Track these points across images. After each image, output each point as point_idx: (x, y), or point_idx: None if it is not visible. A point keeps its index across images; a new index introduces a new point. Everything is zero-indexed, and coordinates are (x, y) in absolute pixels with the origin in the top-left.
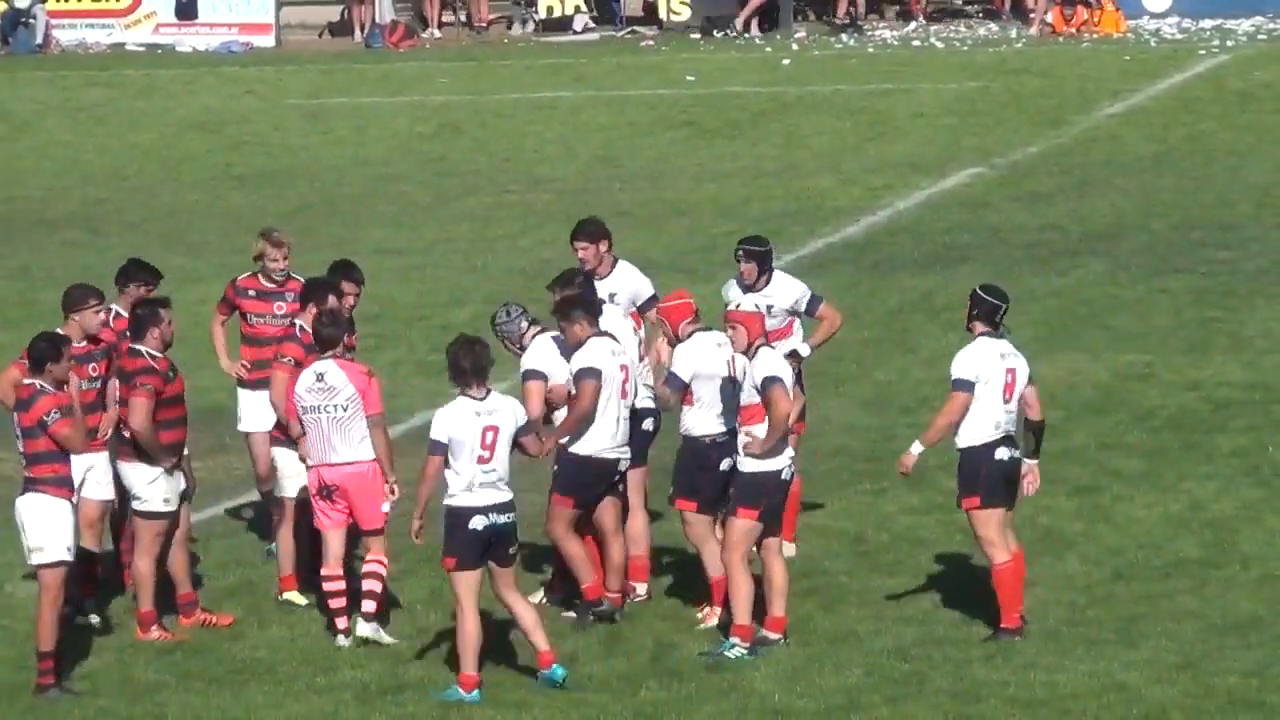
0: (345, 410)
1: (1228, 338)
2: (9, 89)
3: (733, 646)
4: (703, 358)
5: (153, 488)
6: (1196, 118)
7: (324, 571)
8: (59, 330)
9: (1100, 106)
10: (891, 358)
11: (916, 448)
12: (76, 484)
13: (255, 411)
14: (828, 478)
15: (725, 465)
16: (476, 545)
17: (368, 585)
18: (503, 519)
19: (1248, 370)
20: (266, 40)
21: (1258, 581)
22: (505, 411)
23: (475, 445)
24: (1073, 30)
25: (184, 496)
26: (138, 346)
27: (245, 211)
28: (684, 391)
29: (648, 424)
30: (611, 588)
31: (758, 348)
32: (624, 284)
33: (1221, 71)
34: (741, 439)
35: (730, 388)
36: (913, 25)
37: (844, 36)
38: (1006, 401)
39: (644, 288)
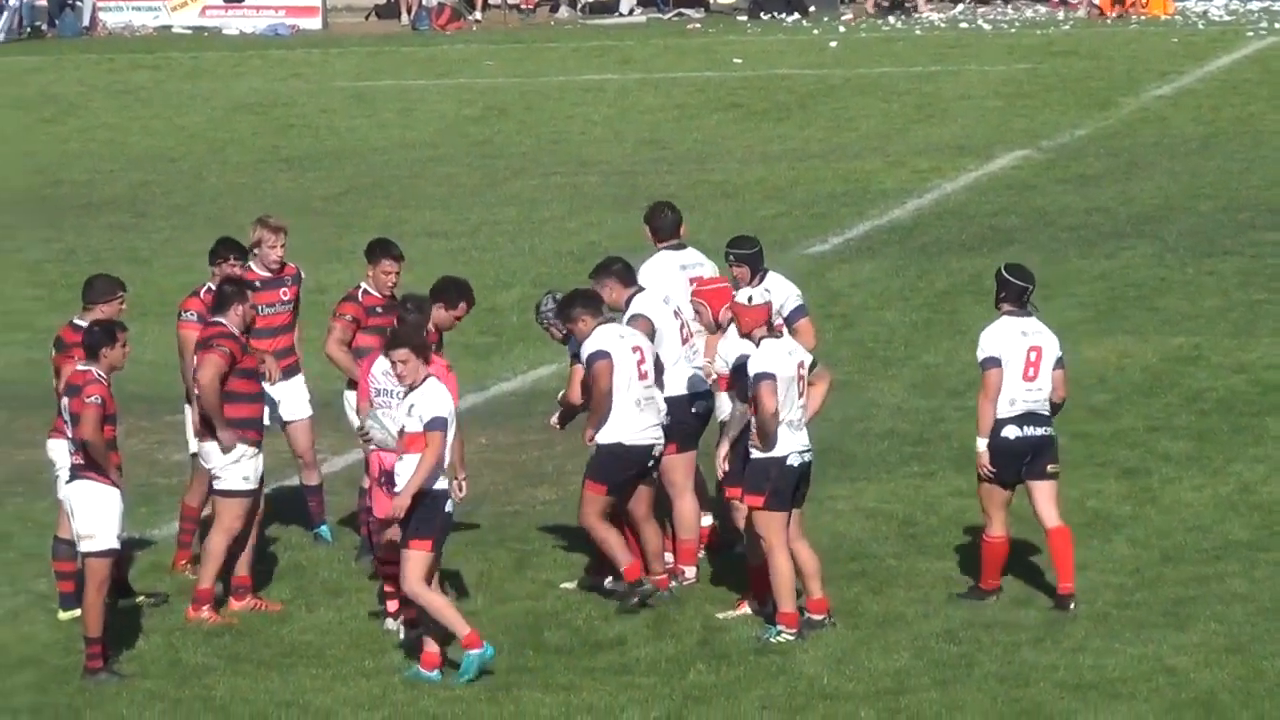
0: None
1: (1276, 320)
2: (55, 72)
3: (779, 633)
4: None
5: (235, 467)
6: (1245, 99)
7: (378, 555)
8: (76, 319)
9: (1148, 88)
10: (940, 340)
11: (981, 444)
12: None
13: (292, 401)
14: (876, 460)
15: (795, 461)
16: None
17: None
18: None
19: None
20: (313, 23)
21: None
22: None
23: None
24: (1120, 12)
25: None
26: (219, 319)
27: (292, 194)
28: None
29: (697, 407)
30: (655, 571)
31: (760, 339)
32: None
33: (1270, 53)
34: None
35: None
36: (960, 7)
37: (891, 19)
38: (1028, 380)
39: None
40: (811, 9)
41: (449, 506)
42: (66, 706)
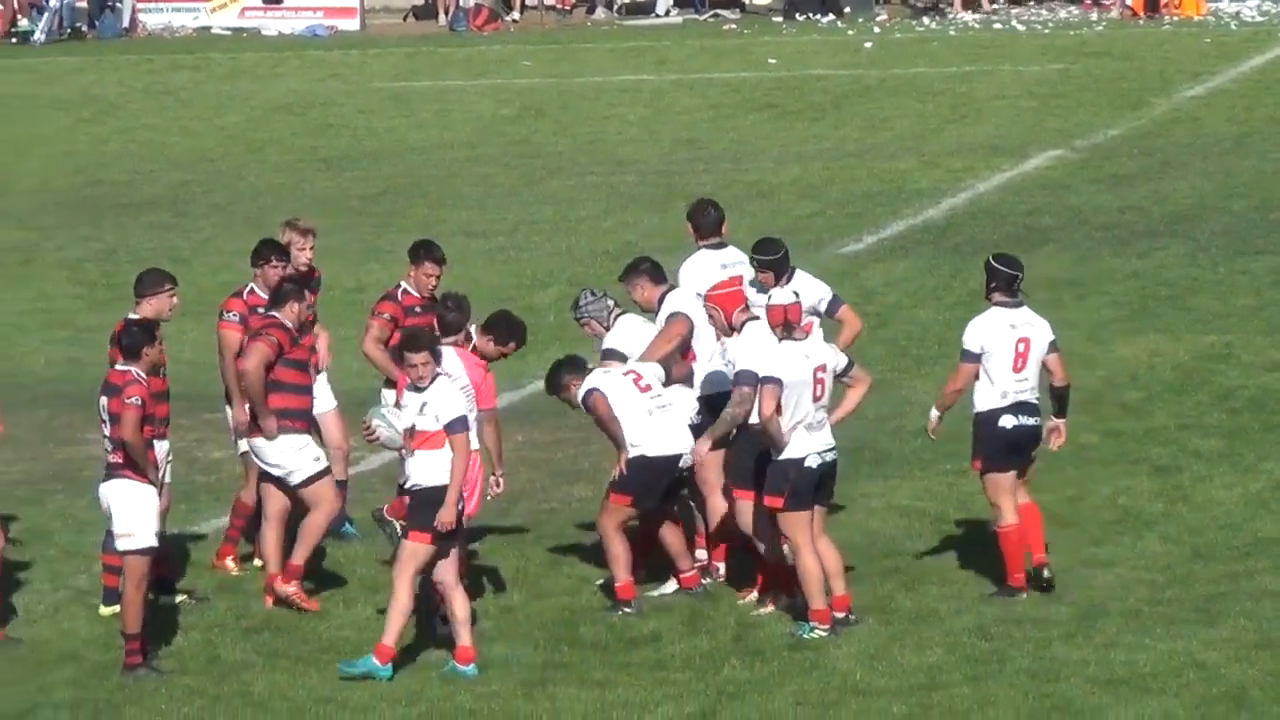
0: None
1: None
2: (96, 73)
3: (812, 629)
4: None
5: (301, 455)
6: (1278, 99)
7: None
8: (131, 315)
9: (1181, 88)
10: None
11: (934, 413)
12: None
13: (319, 395)
14: (910, 458)
15: (814, 463)
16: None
17: None
18: None
19: None
20: (351, 24)
21: None
22: None
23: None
24: (1153, 14)
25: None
26: (274, 313)
27: (331, 194)
28: (756, 384)
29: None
30: (683, 569)
31: (781, 339)
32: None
33: None
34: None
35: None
36: (994, 8)
37: (926, 19)
38: (1017, 372)
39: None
40: (846, 10)
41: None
42: (106, 702)
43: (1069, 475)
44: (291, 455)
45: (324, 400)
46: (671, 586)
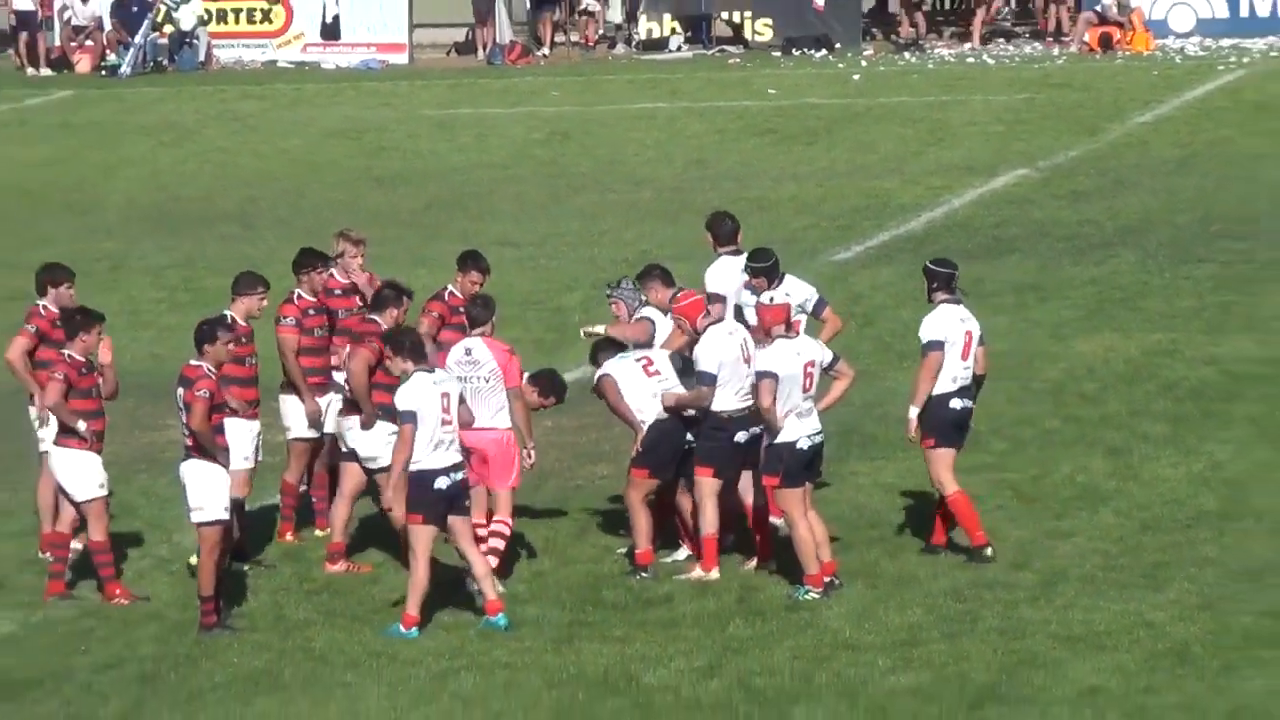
0: (487, 382)
1: (1243, 319)
2: (174, 102)
3: (807, 592)
4: (721, 348)
5: (389, 444)
6: (1217, 125)
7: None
8: (226, 311)
9: (1132, 116)
10: None
11: (913, 412)
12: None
13: None
14: (894, 441)
15: (741, 438)
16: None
17: (492, 543)
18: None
19: (1261, 347)
20: (401, 58)
21: (1269, 532)
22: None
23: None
24: (1108, 49)
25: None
26: (375, 317)
27: (382, 209)
28: (715, 383)
29: None
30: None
31: (777, 336)
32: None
33: (1239, 85)
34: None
35: (746, 369)
36: (967, 45)
37: (907, 54)
38: (964, 360)
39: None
40: (837, 46)
41: (439, 483)
42: (185, 656)
43: (1033, 455)
44: (382, 445)
45: None
46: (683, 553)
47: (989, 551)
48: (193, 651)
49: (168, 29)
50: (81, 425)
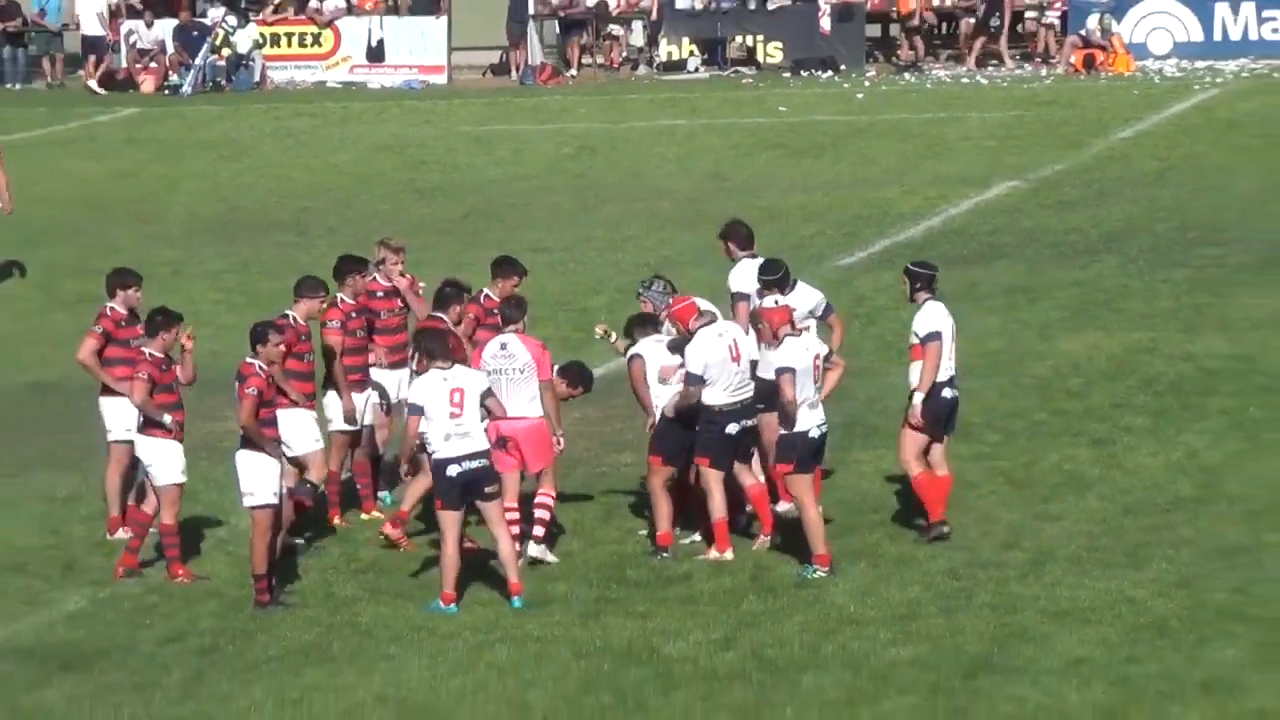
0: (521, 374)
1: (1217, 319)
2: (232, 120)
3: (815, 570)
4: (709, 349)
5: None
6: (1192, 140)
7: (505, 503)
8: (287, 310)
9: (1114, 131)
10: None
11: (918, 398)
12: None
13: (404, 384)
14: (894, 432)
15: (732, 430)
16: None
17: (538, 514)
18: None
19: (1233, 345)
20: (440, 79)
21: (1241, 516)
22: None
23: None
24: (1092, 70)
25: None
26: (440, 314)
27: (424, 218)
28: (703, 383)
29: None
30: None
31: (785, 335)
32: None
33: (1212, 103)
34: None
35: (735, 367)
36: (963, 67)
37: (907, 75)
38: (950, 353)
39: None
40: (842, 68)
41: (450, 470)
42: (241, 630)
43: (1023, 445)
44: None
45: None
46: (699, 535)
47: (945, 529)
48: (248, 626)
49: (225, 52)
50: (166, 418)
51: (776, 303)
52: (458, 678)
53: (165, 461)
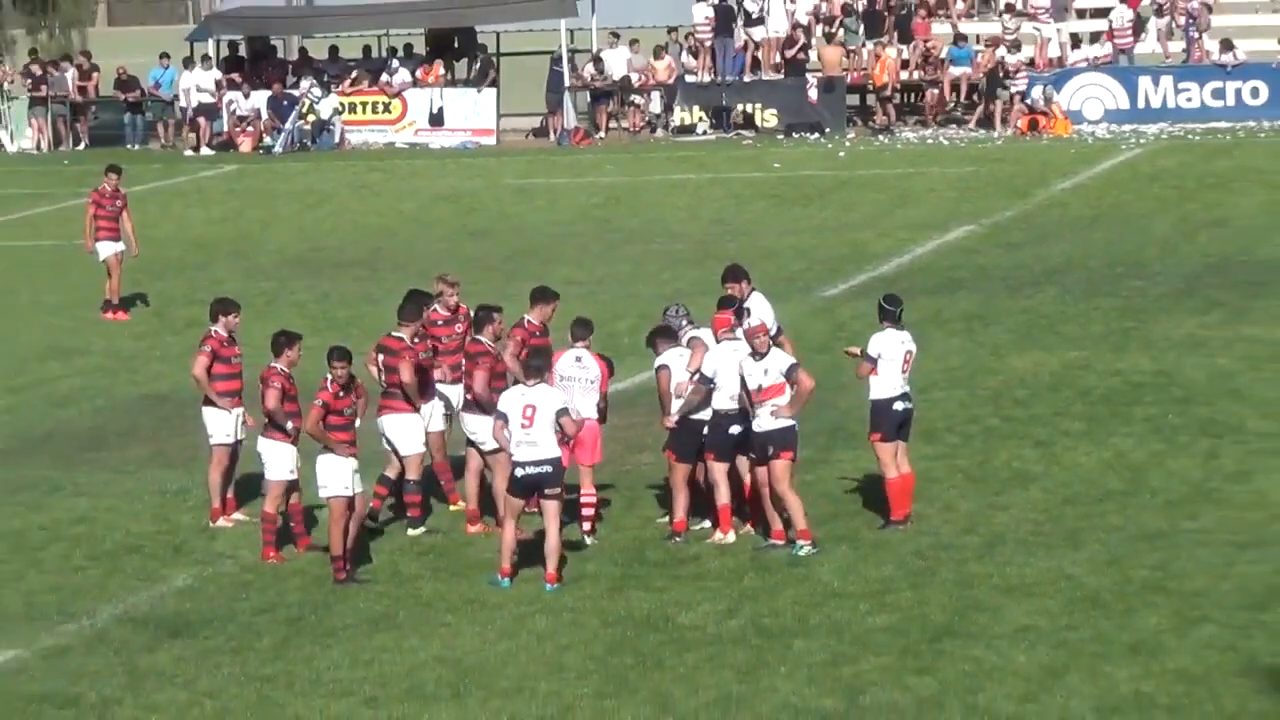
0: (591, 384)
1: (1141, 340)
2: (316, 174)
3: (802, 547)
4: (721, 358)
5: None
6: (1120, 191)
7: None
8: (393, 332)
9: (1054, 183)
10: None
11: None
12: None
13: (460, 397)
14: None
15: (734, 430)
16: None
17: (585, 513)
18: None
19: (1154, 362)
20: (490, 140)
21: (1161, 505)
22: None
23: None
24: (1036, 132)
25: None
26: (479, 337)
27: (475, 257)
28: (712, 383)
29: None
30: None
31: (771, 347)
32: (758, 308)
33: (1136, 160)
34: (769, 408)
35: (738, 379)
36: (928, 130)
37: (880, 137)
38: (904, 372)
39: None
40: (827, 130)
41: (516, 471)
42: (321, 602)
43: (978, 446)
44: (489, 435)
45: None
46: (709, 522)
47: (901, 527)
48: (328, 599)
49: (310, 118)
50: (290, 425)
51: (759, 320)
52: (504, 642)
53: (278, 460)
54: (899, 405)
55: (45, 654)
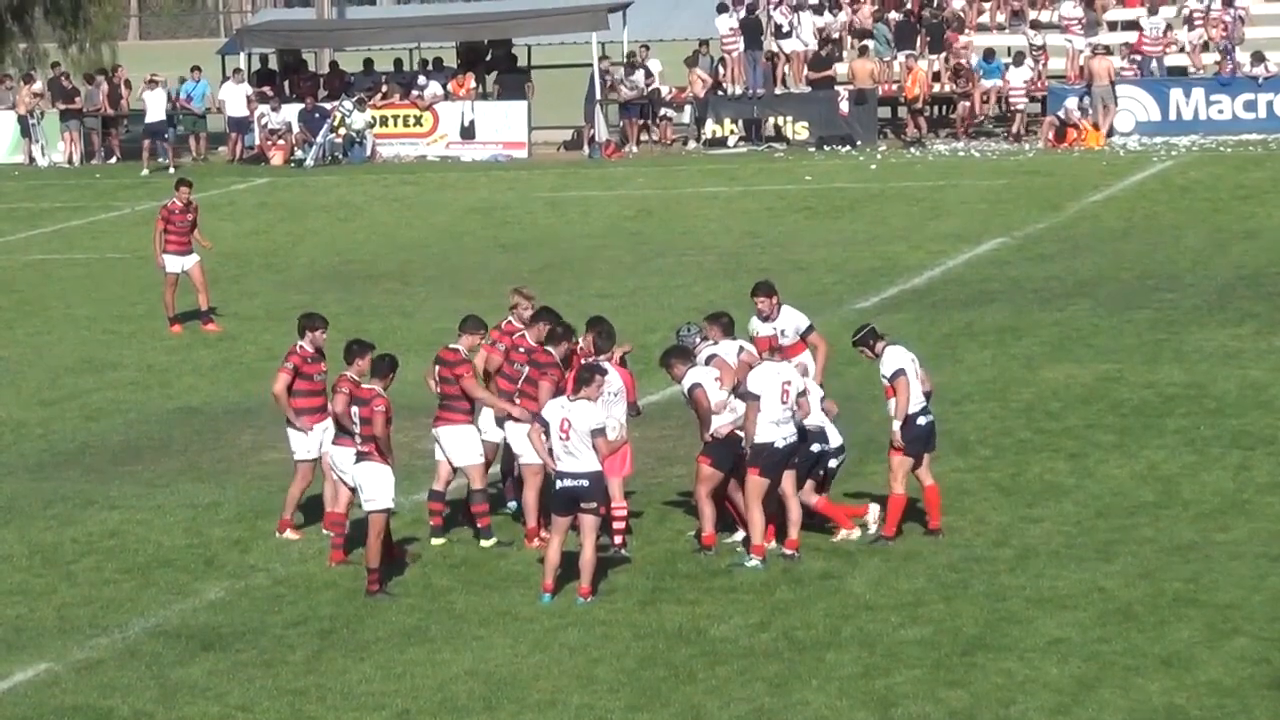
0: (615, 396)
1: (1173, 352)
2: (348, 187)
3: (750, 560)
4: (763, 379)
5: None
6: (1151, 203)
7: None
8: (450, 345)
9: (1086, 195)
10: (944, 367)
11: (895, 425)
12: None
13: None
14: None
15: (779, 444)
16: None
17: (616, 525)
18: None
19: (1187, 374)
20: (521, 153)
21: (1193, 517)
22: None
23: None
24: (1067, 144)
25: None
26: (550, 349)
27: (507, 269)
28: (757, 400)
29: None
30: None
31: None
32: (788, 320)
33: (1168, 172)
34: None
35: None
36: (959, 143)
37: (912, 150)
38: (923, 388)
39: (802, 320)
40: (858, 143)
41: (557, 483)
42: (354, 615)
43: (1011, 459)
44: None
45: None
46: (740, 535)
47: (891, 542)
48: (360, 611)
49: (342, 131)
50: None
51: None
52: (536, 655)
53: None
54: (922, 419)
55: (77, 667)
